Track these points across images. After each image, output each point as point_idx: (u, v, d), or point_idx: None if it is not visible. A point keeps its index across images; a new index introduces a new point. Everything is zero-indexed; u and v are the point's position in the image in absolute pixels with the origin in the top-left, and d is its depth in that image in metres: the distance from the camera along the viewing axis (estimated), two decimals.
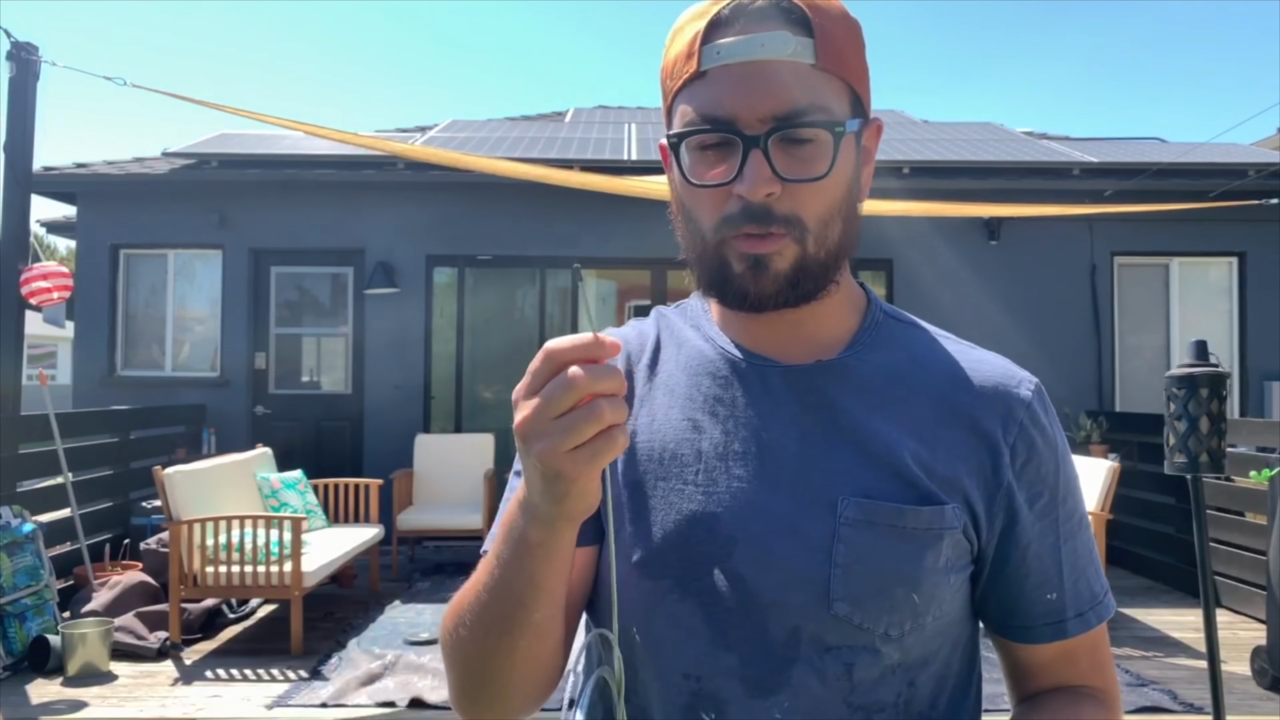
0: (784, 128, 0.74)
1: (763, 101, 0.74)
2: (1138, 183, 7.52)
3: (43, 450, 5.37)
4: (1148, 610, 5.51)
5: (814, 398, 0.80)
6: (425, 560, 6.82)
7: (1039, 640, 0.82)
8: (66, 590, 5.20)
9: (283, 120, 5.68)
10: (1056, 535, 0.82)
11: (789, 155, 0.75)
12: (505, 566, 0.72)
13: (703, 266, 0.81)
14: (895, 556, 0.75)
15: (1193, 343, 2.81)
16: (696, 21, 0.78)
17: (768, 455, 0.78)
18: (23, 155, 5.34)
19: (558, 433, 0.60)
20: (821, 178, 0.75)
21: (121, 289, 7.88)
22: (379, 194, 7.76)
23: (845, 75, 0.77)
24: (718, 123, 0.75)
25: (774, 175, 0.74)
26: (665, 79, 0.81)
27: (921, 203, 6.84)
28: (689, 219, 0.81)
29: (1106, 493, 5.01)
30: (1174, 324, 7.91)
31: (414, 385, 7.76)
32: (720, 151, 0.76)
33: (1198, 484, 2.76)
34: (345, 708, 3.95)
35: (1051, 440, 0.82)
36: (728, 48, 0.75)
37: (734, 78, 0.75)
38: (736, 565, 0.76)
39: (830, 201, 0.77)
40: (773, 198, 0.75)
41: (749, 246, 0.76)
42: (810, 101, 0.74)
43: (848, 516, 0.75)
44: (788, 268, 0.77)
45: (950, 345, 0.86)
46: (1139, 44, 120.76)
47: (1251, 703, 4.06)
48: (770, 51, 0.74)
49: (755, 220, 0.75)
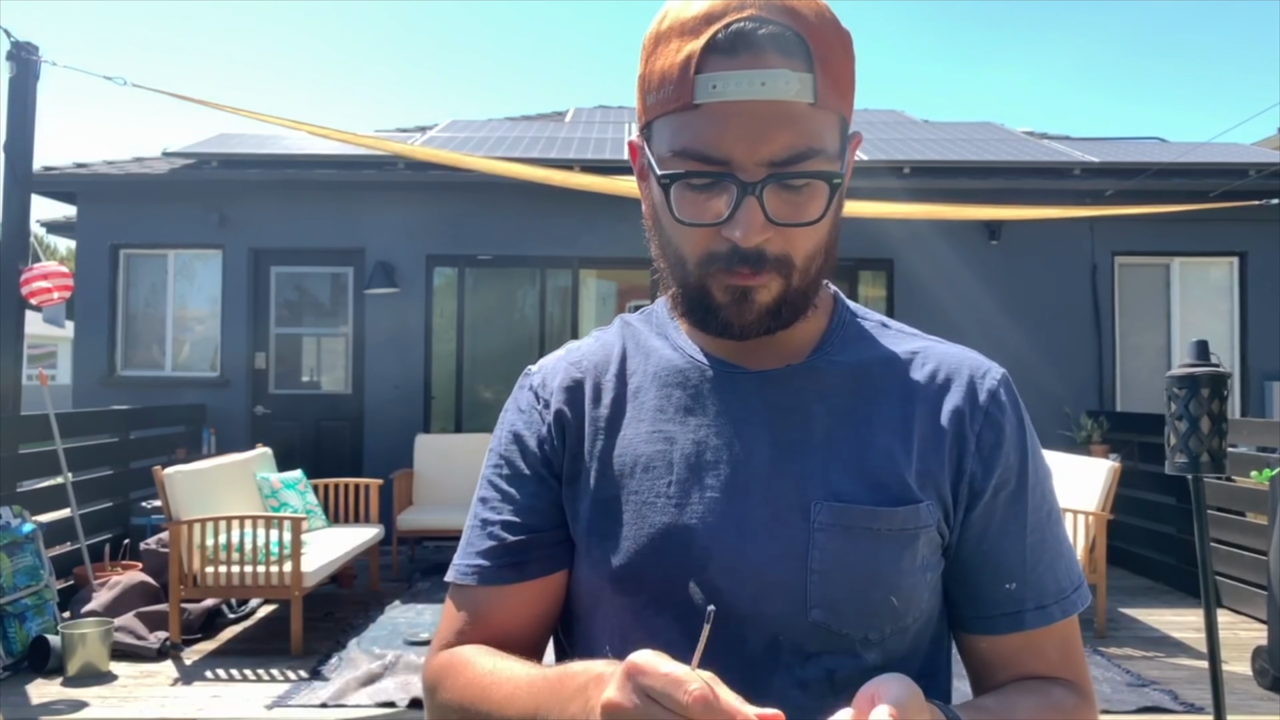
0: (781, 176, 0.72)
1: (761, 146, 0.71)
2: (1138, 183, 7.51)
3: (43, 450, 5.36)
4: (1149, 610, 5.50)
5: (785, 402, 0.80)
6: (425, 560, 6.82)
7: (996, 631, 0.79)
8: (66, 590, 5.20)
9: (283, 120, 5.68)
10: (1023, 526, 0.80)
11: (783, 200, 0.73)
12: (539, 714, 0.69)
13: (684, 294, 0.80)
14: (872, 559, 0.74)
15: (1193, 343, 2.81)
16: (689, 40, 0.73)
17: (740, 464, 0.78)
18: (23, 155, 5.34)
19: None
20: (816, 221, 0.74)
21: (121, 289, 7.87)
22: (379, 194, 7.75)
23: (840, 107, 0.75)
24: (712, 163, 0.72)
25: (767, 221, 0.72)
26: (645, 90, 0.77)
27: (922, 205, 6.84)
28: (669, 245, 0.80)
29: (1107, 493, 5.00)
30: (1175, 324, 7.91)
31: (414, 385, 7.76)
32: (711, 190, 0.74)
33: (1199, 484, 2.76)
34: (345, 708, 3.95)
35: (1017, 430, 0.81)
36: (725, 84, 0.71)
37: (730, 117, 0.71)
38: (712, 577, 0.75)
39: (819, 240, 0.77)
40: (765, 241, 0.74)
41: (736, 280, 0.75)
42: (808, 146, 0.72)
43: (821, 521, 0.75)
44: (771, 300, 0.76)
45: (917, 342, 0.86)
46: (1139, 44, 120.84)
47: (1252, 703, 4.06)
48: (771, 92, 0.71)
49: (747, 263, 0.74)
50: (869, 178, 7.37)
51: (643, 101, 0.78)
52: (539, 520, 0.83)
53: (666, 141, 0.75)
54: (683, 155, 0.74)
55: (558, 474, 0.84)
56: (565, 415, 0.85)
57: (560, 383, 0.87)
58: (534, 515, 0.83)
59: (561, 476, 0.84)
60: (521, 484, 0.84)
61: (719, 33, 0.71)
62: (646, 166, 0.80)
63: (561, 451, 0.84)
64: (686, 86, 0.72)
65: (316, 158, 7.77)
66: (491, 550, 0.82)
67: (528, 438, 0.85)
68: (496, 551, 0.82)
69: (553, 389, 0.86)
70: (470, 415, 7.87)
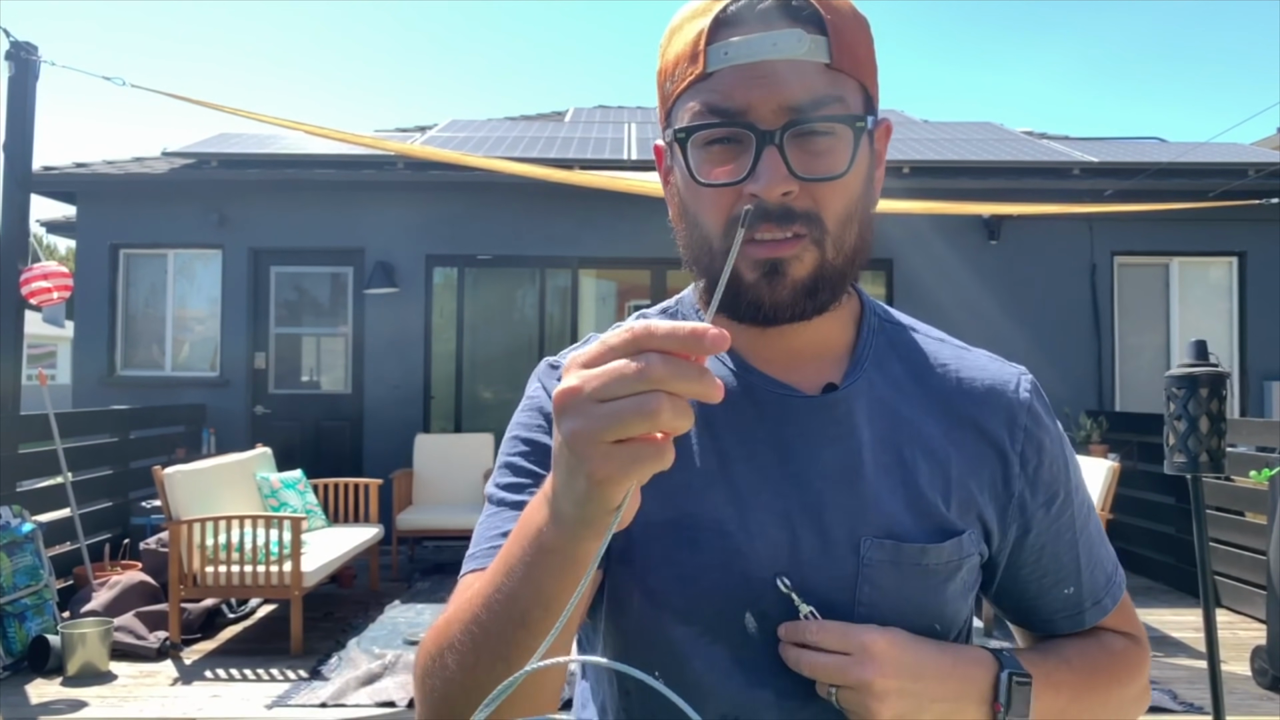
0: (801, 122, 0.69)
1: (777, 93, 0.69)
2: (1138, 182, 7.51)
3: (42, 450, 5.36)
4: (1148, 610, 5.50)
5: (833, 430, 0.76)
6: (425, 560, 6.82)
7: (1057, 631, 0.84)
8: (66, 590, 5.20)
9: (282, 120, 5.69)
10: (1074, 530, 0.81)
11: (806, 151, 0.70)
12: (510, 573, 0.62)
13: (709, 280, 0.75)
14: (919, 592, 0.74)
15: (1192, 342, 2.81)
16: (698, 20, 0.72)
17: (792, 492, 0.75)
18: (22, 155, 5.34)
19: (599, 417, 0.51)
20: (841, 175, 0.70)
21: (121, 289, 7.87)
22: (379, 194, 7.75)
23: (859, 75, 0.73)
24: (728, 115, 0.70)
25: (790, 173, 0.69)
26: (664, 81, 0.76)
27: (922, 201, 6.84)
28: (693, 223, 0.75)
29: (1107, 492, 5.00)
30: (1174, 324, 7.91)
31: (413, 385, 7.76)
32: (730, 148, 0.71)
33: (1198, 484, 2.76)
34: (345, 708, 3.95)
35: (1056, 438, 0.82)
36: (737, 47, 0.69)
37: (744, 73, 0.69)
38: (767, 608, 0.73)
39: (849, 200, 0.72)
40: (789, 196, 0.70)
41: (764, 251, 0.71)
42: (827, 92, 0.70)
43: (871, 558, 0.73)
44: (806, 275, 0.72)
45: (945, 350, 0.84)
46: (1139, 43, 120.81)
47: (1251, 703, 4.06)
48: (783, 51, 0.69)
49: (773, 220, 0.69)
50: None
51: (662, 93, 0.77)
52: None
53: (683, 112, 0.73)
54: (699, 114, 0.71)
55: None
56: None
57: None
58: None
59: None
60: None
61: (727, 7, 0.71)
62: (670, 157, 0.77)
63: None
64: (699, 59, 0.71)
65: (316, 157, 7.77)
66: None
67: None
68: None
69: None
70: (470, 415, 7.87)
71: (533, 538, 0.61)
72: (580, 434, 0.52)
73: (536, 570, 0.60)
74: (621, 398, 0.50)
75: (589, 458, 0.52)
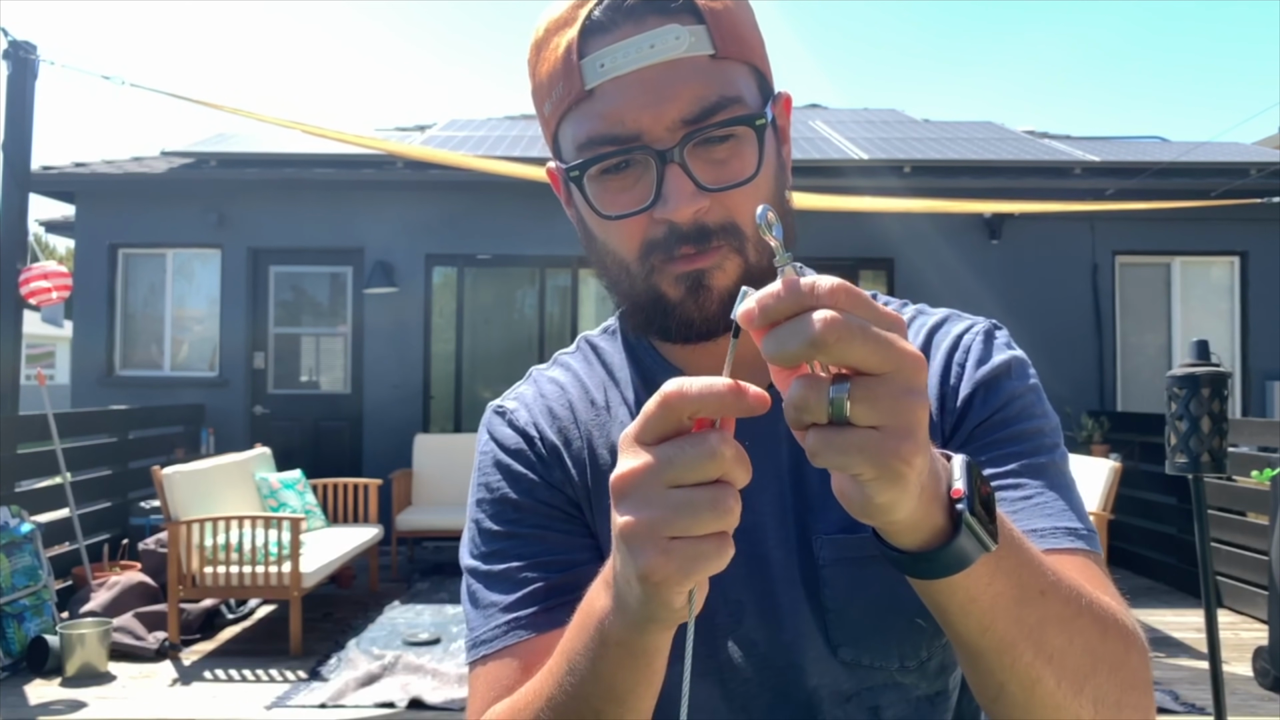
0: (698, 133, 0.64)
1: (668, 106, 0.64)
2: (1139, 182, 7.51)
3: (41, 450, 5.36)
4: (1149, 611, 5.49)
5: (780, 429, 0.70)
6: (424, 560, 6.81)
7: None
8: (65, 590, 5.19)
9: (282, 120, 5.68)
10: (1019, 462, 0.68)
11: (709, 161, 0.65)
12: (573, 670, 0.58)
13: (633, 304, 0.71)
14: (886, 585, 0.67)
15: (1194, 342, 2.80)
16: (565, 31, 0.66)
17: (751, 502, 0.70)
18: (21, 154, 5.33)
19: (669, 506, 0.45)
20: (751, 178, 0.66)
21: (120, 288, 7.87)
22: (378, 193, 7.74)
23: (748, 57, 0.68)
24: (621, 141, 0.65)
25: (699, 188, 0.64)
26: (541, 103, 0.70)
27: (923, 200, 6.83)
28: (608, 256, 0.71)
29: (1108, 493, 4.99)
30: (1175, 323, 7.90)
31: (413, 385, 7.75)
32: (630, 173, 0.66)
33: (1199, 484, 2.75)
34: (344, 708, 3.94)
35: (999, 367, 0.72)
36: (612, 56, 0.64)
37: (628, 88, 0.64)
38: (748, 631, 0.70)
39: (764, 198, 0.67)
40: (701, 212, 0.65)
41: (683, 265, 0.66)
42: (719, 95, 0.65)
43: (825, 557, 0.69)
44: (732, 284, 0.67)
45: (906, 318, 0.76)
46: (1140, 43, 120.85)
47: (1253, 703, 4.05)
48: (662, 51, 0.64)
49: (690, 242, 0.65)
50: (870, 176, 7.36)
51: (541, 114, 0.71)
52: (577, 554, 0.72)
53: (571, 140, 0.68)
54: (588, 145, 0.66)
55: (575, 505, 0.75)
56: (559, 450, 0.75)
57: (542, 417, 0.77)
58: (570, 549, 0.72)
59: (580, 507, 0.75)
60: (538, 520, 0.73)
61: (592, 11, 0.65)
62: (564, 182, 0.72)
63: (567, 484, 0.75)
64: (574, 76, 0.66)
65: (315, 157, 7.76)
66: (530, 595, 0.70)
67: (527, 474, 0.75)
68: (537, 595, 0.70)
69: (538, 423, 0.77)
70: (469, 415, 7.86)
71: (594, 630, 0.56)
72: (639, 525, 0.46)
73: (603, 664, 0.56)
74: (688, 485, 0.45)
75: (643, 553, 0.46)
